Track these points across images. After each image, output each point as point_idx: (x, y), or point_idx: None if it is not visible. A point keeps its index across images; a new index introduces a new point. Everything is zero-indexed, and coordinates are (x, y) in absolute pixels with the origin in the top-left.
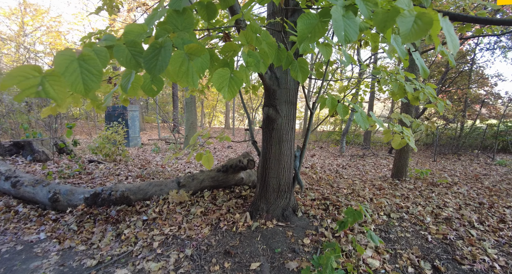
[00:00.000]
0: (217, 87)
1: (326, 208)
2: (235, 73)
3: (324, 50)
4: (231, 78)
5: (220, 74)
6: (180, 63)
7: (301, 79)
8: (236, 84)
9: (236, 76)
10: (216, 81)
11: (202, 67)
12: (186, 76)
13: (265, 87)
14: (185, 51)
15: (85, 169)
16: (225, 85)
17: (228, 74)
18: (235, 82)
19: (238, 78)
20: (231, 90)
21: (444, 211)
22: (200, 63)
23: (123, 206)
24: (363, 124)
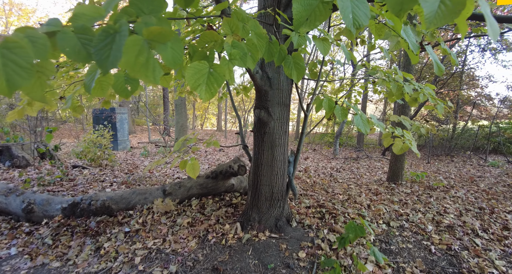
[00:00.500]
0: (191, 85)
1: (322, 216)
2: (215, 67)
3: (321, 45)
4: (209, 74)
5: (195, 69)
6: (137, 52)
7: (295, 77)
8: (216, 82)
9: (216, 72)
10: (190, 77)
11: (173, 60)
12: (145, 70)
13: (256, 88)
14: (145, 37)
15: (67, 175)
16: (202, 82)
17: (206, 69)
18: (214, 79)
19: (219, 74)
20: (210, 89)
21: (445, 218)
22: (171, 54)
23: (104, 217)
24: (363, 128)
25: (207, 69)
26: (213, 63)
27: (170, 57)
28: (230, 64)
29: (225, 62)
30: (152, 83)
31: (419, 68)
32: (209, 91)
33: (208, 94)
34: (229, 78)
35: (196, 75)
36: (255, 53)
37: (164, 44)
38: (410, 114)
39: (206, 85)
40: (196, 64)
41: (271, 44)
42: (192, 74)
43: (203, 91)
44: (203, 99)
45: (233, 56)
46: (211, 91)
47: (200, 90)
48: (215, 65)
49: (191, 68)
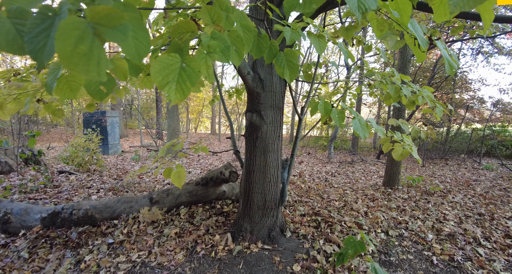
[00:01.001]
0: (158, 83)
1: (318, 225)
2: (188, 62)
3: (317, 43)
4: (181, 70)
5: (164, 64)
6: (76, 38)
7: (288, 77)
8: (189, 79)
9: (189, 67)
10: (157, 73)
11: (137, 52)
12: (86, 62)
13: (248, 90)
14: (88, 19)
15: (52, 181)
16: (172, 80)
17: (177, 64)
18: (187, 76)
19: (193, 69)
20: (181, 88)
21: (445, 226)
22: (134, 45)
23: (86, 227)
24: (362, 133)
25: (178, 63)
26: (186, 57)
27: (133, 49)
28: (208, 58)
29: (202, 56)
30: (95, 78)
31: (413, 71)
32: (180, 91)
33: (178, 95)
34: (206, 75)
35: (165, 71)
36: (241, 47)
37: (114, 29)
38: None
39: (177, 83)
40: (165, 58)
41: (260, 39)
42: (159, 70)
43: (172, 91)
44: (173, 100)
45: (212, 48)
46: (183, 90)
47: (169, 90)
48: (189, 59)
49: (158, 63)
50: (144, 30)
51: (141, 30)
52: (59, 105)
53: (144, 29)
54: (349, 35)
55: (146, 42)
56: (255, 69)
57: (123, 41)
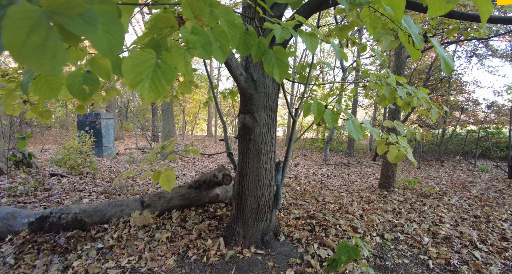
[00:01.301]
0: (130, 82)
1: (312, 228)
2: (164, 58)
3: (308, 41)
4: (156, 67)
5: (137, 60)
6: (29, 28)
7: (278, 76)
8: (164, 76)
9: (165, 64)
10: (130, 71)
11: (110, 47)
12: (40, 55)
13: (241, 91)
14: (44, 7)
15: (43, 185)
16: (146, 77)
17: (152, 60)
18: (162, 73)
19: (169, 66)
20: (155, 86)
21: (441, 229)
22: (106, 39)
23: (75, 232)
24: (356, 135)
25: (153, 60)
26: (163, 53)
27: (105, 43)
28: (186, 53)
29: (180, 51)
30: (49, 73)
31: (408, 73)
32: (155, 89)
33: (152, 93)
34: (184, 72)
35: (138, 68)
36: (225, 43)
37: (75, 19)
38: (401, 119)
39: (151, 81)
40: (139, 54)
41: (247, 35)
42: (132, 66)
43: (145, 89)
44: (146, 99)
45: (191, 43)
46: (157, 89)
47: (142, 88)
48: (165, 55)
49: (131, 59)
50: (119, 24)
51: (115, 24)
52: (47, 107)
53: (119, 23)
54: (343, 36)
55: (119, 37)
56: (248, 70)
57: (91, 34)
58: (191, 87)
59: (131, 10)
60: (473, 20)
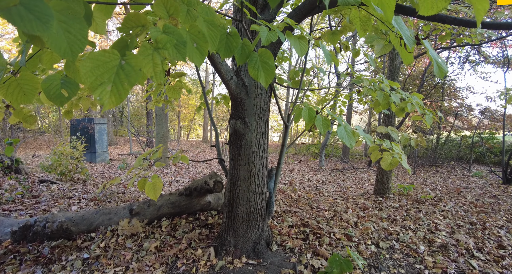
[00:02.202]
0: (90, 85)
1: (306, 237)
2: (129, 59)
3: (297, 44)
4: (120, 68)
5: (98, 61)
6: None
7: (263, 80)
8: (127, 79)
9: (129, 65)
10: (89, 73)
11: (70, 47)
12: None
13: (231, 96)
14: None
15: (31, 191)
16: (107, 80)
17: (115, 61)
18: (126, 76)
19: (133, 68)
20: (117, 90)
21: (437, 237)
22: (66, 38)
23: (60, 241)
24: (348, 141)
25: (116, 61)
26: (128, 53)
27: (64, 43)
28: (155, 54)
29: (147, 52)
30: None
31: (402, 79)
32: (116, 93)
33: (114, 98)
34: (152, 74)
35: (98, 70)
36: (203, 44)
37: (10, 11)
38: (396, 125)
39: (113, 84)
40: (100, 55)
41: (229, 37)
42: (91, 68)
43: (106, 94)
44: (106, 105)
45: (161, 43)
46: (119, 93)
47: (102, 92)
48: (130, 56)
49: (90, 61)
50: (81, 23)
51: (77, 22)
52: (32, 112)
53: (81, 22)
54: (335, 40)
55: (81, 36)
56: (239, 75)
57: (43, 32)
58: (180, 91)
59: (108, 11)
60: (466, 26)
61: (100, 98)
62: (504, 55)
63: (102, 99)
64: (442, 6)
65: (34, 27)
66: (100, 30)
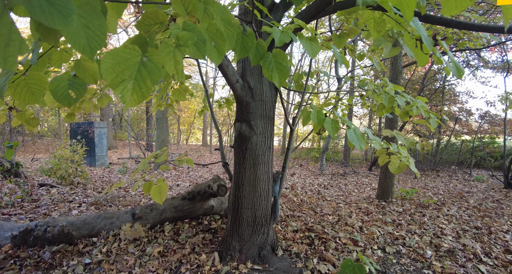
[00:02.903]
0: (110, 82)
1: (311, 242)
2: (151, 55)
3: (308, 46)
4: (141, 65)
5: (119, 57)
6: None
7: (277, 80)
8: (150, 76)
9: (152, 62)
10: (110, 70)
11: (89, 43)
12: None
13: (237, 99)
14: None
15: (31, 195)
16: (128, 77)
17: (136, 58)
18: (148, 73)
19: (156, 65)
20: (140, 87)
21: (443, 241)
22: (85, 34)
23: (62, 246)
24: (358, 144)
25: (138, 57)
26: (149, 50)
27: (83, 39)
28: (176, 51)
29: (169, 49)
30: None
31: (402, 84)
32: (138, 91)
33: (136, 96)
34: (174, 72)
35: (119, 66)
36: (221, 43)
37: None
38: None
39: (135, 81)
40: (121, 51)
41: (245, 36)
42: (112, 65)
43: (127, 92)
44: (128, 103)
45: (182, 40)
46: (141, 91)
47: (124, 90)
48: (152, 52)
49: (111, 57)
50: (100, 19)
51: (96, 18)
52: (34, 114)
53: (101, 18)
54: (341, 43)
55: (101, 33)
56: (245, 77)
57: (63, 26)
58: (185, 94)
59: (120, 9)
60: (471, 29)
61: (122, 96)
62: (504, 60)
63: (123, 97)
64: (466, 6)
65: (55, 21)
66: (111, 29)
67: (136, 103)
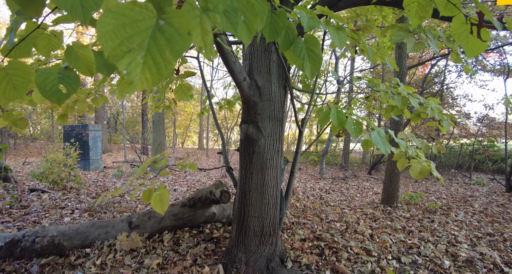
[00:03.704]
0: (111, 51)
1: (321, 252)
2: (170, 17)
3: (336, 35)
4: (157, 31)
5: (125, 18)
6: None
7: (309, 71)
8: (169, 47)
9: (172, 26)
10: (110, 33)
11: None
12: None
13: (244, 98)
14: None
15: (20, 201)
16: (138, 47)
17: (150, 20)
18: (166, 42)
19: (178, 30)
20: (154, 61)
21: (460, 250)
22: None
23: (51, 258)
24: (383, 148)
25: (152, 19)
26: (167, 10)
27: None
28: (204, 17)
29: (194, 13)
30: None
31: None
32: (153, 66)
33: (150, 74)
34: (201, 45)
35: (125, 30)
36: (252, 18)
37: None
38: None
39: (148, 52)
40: (127, 9)
41: (274, 15)
42: (114, 27)
43: (136, 67)
44: (137, 84)
45: (212, 4)
46: (158, 67)
47: (131, 64)
48: (172, 14)
49: (112, 16)
50: None
51: None
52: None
53: None
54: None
55: None
56: (252, 76)
57: None
58: (188, 93)
59: None
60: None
61: (128, 73)
62: (503, 64)
63: (130, 75)
64: None
65: None
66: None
67: (149, 84)
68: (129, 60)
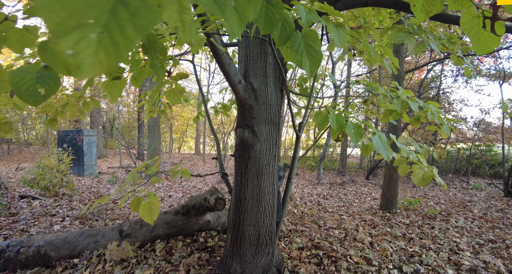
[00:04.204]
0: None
1: (320, 261)
2: None
3: (335, 33)
4: (119, 3)
5: None
6: None
7: (308, 68)
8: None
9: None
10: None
11: None
12: None
13: (239, 102)
14: None
15: (9, 208)
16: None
17: None
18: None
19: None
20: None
21: (463, 258)
22: None
23: (36, 269)
24: (385, 153)
25: None
26: None
27: None
28: None
29: None
30: None
31: None
32: (111, 46)
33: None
34: (178, 24)
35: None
36: (244, 5)
37: None
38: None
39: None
40: None
41: (270, 6)
42: None
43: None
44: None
45: None
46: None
47: (80, 43)
48: None
49: None
50: None
51: None
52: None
53: None
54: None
55: None
56: (247, 78)
57: None
58: (181, 96)
59: None
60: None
61: (75, 54)
62: (498, 69)
63: (78, 56)
64: None
65: None
66: None
67: (103, 69)
68: (78, 37)
